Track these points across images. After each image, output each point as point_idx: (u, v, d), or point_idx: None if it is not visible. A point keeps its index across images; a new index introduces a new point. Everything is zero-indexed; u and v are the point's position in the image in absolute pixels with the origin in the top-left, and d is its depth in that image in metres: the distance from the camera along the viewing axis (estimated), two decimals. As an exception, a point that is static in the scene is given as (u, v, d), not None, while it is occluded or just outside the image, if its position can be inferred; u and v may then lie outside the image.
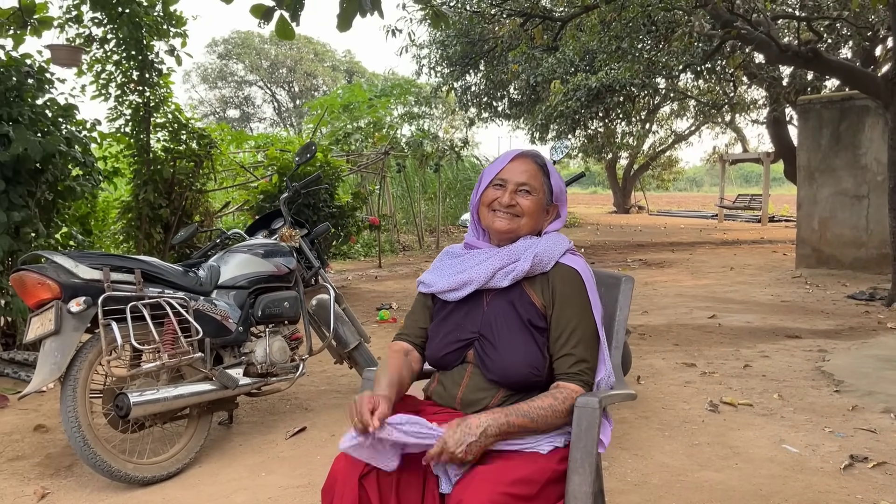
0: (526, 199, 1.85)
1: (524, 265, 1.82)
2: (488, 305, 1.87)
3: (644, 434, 3.53)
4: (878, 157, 8.95)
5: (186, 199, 7.01)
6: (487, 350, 1.80)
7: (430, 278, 1.96)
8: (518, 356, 1.77)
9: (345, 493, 1.59)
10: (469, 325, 1.86)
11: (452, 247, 2.04)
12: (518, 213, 1.85)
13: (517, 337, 1.79)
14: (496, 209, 1.86)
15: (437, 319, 1.94)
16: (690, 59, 12.67)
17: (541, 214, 1.90)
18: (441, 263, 1.99)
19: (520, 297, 1.84)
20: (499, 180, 1.87)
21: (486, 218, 1.89)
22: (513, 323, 1.81)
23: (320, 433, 3.61)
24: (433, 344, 1.91)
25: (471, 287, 1.86)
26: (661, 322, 6.41)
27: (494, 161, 1.94)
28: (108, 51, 6.50)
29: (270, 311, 3.53)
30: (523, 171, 1.87)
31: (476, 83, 17.97)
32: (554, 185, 1.91)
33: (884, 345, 5.24)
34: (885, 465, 3.06)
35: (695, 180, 75.41)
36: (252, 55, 45.13)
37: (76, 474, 3.13)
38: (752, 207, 23.23)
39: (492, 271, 1.84)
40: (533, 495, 1.60)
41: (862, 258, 9.32)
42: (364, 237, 12.29)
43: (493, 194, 1.87)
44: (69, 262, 2.90)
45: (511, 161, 1.89)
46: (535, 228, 1.90)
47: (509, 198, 1.84)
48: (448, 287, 1.89)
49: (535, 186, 1.87)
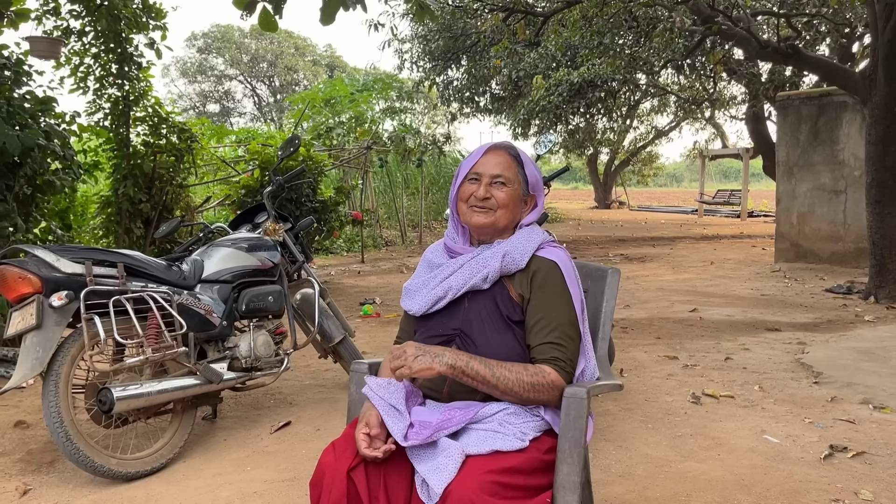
0: (501, 190, 1.85)
1: (495, 264, 1.82)
2: (469, 303, 1.87)
3: (628, 426, 3.56)
4: (856, 152, 9.07)
5: (167, 193, 6.95)
6: (469, 348, 1.81)
7: (409, 300, 1.95)
8: (500, 349, 1.78)
9: (333, 487, 1.59)
10: (450, 323, 1.87)
11: (433, 251, 2.01)
12: (493, 207, 1.85)
13: (496, 333, 1.81)
14: (472, 204, 1.86)
15: (419, 327, 1.95)
16: (671, 54, 12.75)
17: (518, 205, 1.89)
18: (421, 278, 1.96)
19: (500, 293, 1.84)
20: (473, 174, 1.87)
21: (464, 213, 1.88)
22: (492, 319, 1.82)
23: (305, 427, 3.61)
24: (416, 340, 1.91)
25: (447, 299, 1.87)
26: (643, 316, 6.46)
27: (468, 156, 1.93)
28: (87, 43, 6.42)
29: (255, 306, 3.51)
30: (497, 164, 1.86)
31: (458, 78, 17.97)
32: (529, 175, 1.91)
33: (861, 337, 5.32)
34: (865, 454, 3.10)
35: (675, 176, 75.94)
36: (232, 49, 44.75)
37: (58, 470, 3.10)
38: (731, 203, 23.46)
39: (466, 280, 1.84)
40: (521, 485, 1.61)
41: (839, 252, 9.45)
42: (346, 232, 12.25)
43: (469, 189, 1.87)
44: (50, 255, 2.86)
45: (484, 154, 1.89)
46: (513, 220, 1.89)
47: (484, 190, 1.84)
48: (425, 307, 1.90)
49: (510, 178, 1.86)
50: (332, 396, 4.15)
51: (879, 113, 6.94)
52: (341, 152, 12.86)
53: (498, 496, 1.54)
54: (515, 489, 1.60)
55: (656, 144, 30.66)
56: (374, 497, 1.60)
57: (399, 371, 1.66)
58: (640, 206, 31.41)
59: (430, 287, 1.90)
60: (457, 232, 1.95)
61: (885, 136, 6.92)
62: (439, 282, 1.88)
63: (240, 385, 3.48)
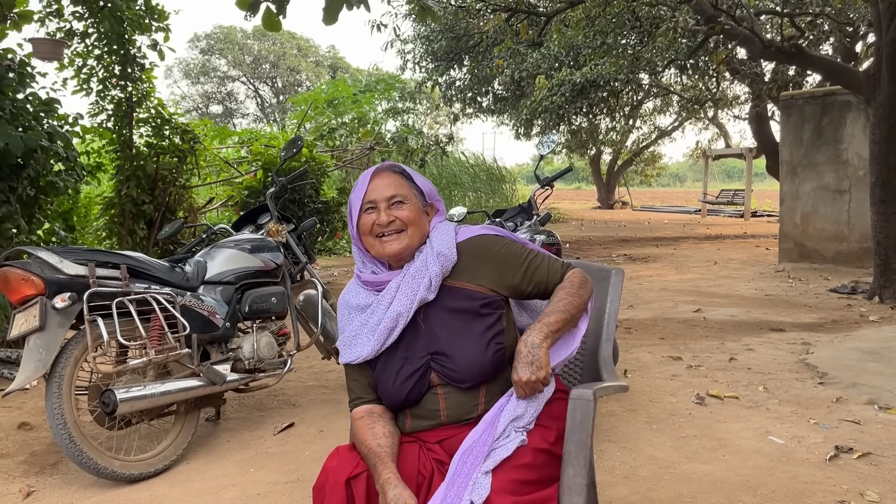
0: (402, 209, 1.78)
1: (435, 269, 1.75)
2: (424, 322, 1.78)
3: (632, 427, 3.54)
4: (860, 151, 9.04)
5: (170, 194, 6.96)
6: (446, 363, 1.73)
7: (354, 351, 1.80)
8: (477, 343, 1.72)
9: (333, 495, 1.57)
10: (416, 353, 1.77)
11: (351, 294, 1.87)
12: (401, 227, 1.78)
13: (467, 329, 1.74)
14: (379, 234, 1.78)
15: (378, 365, 1.80)
16: (674, 54, 12.73)
17: (422, 218, 1.83)
18: (353, 325, 1.82)
19: (452, 295, 1.78)
20: (368, 203, 1.80)
21: (375, 247, 1.80)
22: (457, 321, 1.75)
23: (308, 429, 3.60)
24: (388, 390, 1.77)
25: (400, 327, 1.76)
26: (647, 316, 6.44)
27: (355, 187, 1.85)
28: (90, 45, 6.44)
29: (258, 307, 3.51)
30: (388, 185, 1.80)
31: (461, 78, 17.97)
32: (421, 185, 1.86)
33: (866, 337, 5.30)
34: (870, 455, 3.09)
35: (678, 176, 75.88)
36: (235, 50, 44.81)
37: (62, 472, 3.10)
38: (734, 203, 23.42)
39: (412, 297, 1.75)
40: (533, 479, 1.62)
41: (844, 252, 9.42)
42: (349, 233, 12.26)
43: (370, 219, 1.79)
44: (53, 257, 2.86)
45: (371, 181, 1.81)
46: (423, 235, 1.82)
47: (386, 215, 1.77)
48: (378, 346, 1.77)
49: (405, 194, 1.80)
50: (336, 398, 4.14)
51: (883, 112, 6.91)
52: (344, 153, 12.86)
53: (511, 492, 1.55)
54: (528, 484, 1.60)
55: (659, 144, 30.61)
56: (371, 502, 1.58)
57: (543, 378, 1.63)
58: (643, 206, 31.37)
59: (374, 323, 1.77)
60: (373, 264, 1.85)
61: (890, 135, 6.89)
62: (383, 311, 1.77)
63: (243, 386, 3.48)
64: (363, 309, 1.82)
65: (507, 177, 21.87)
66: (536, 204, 4.39)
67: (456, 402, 1.74)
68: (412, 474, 1.65)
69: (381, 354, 1.78)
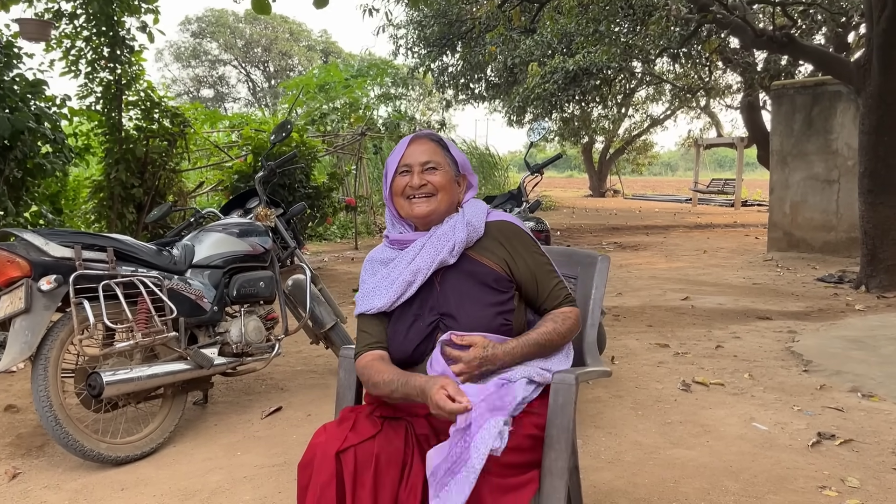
0: (434, 175, 1.88)
1: (461, 235, 1.84)
2: (441, 284, 1.86)
3: (618, 413, 3.57)
4: (850, 142, 9.08)
5: (160, 178, 6.91)
6: (452, 325, 1.80)
7: (369, 301, 1.87)
8: (486, 312, 1.80)
9: (322, 468, 1.59)
10: (428, 311, 1.84)
11: (377, 252, 1.97)
12: (432, 192, 1.87)
13: (479, 299, 1.82)
14: (410, 195, 1.88)
15: (392, 319, 1.88)
16: (667, 43, 12.72)
17: (453, 187, 1.92)
18: (374, 279, 1.90)
19: (471, 264, 1.86)
20: (403, 167, 1.90)
21: (405, 207, 1.90)
22: (471, 288, 1.83)
23: (296, 413, 3.61)
24: (397, 343, 1.84)
25: (418, 283, 1.84)
26: (635, 304, 6.47)
27: (393, 151, 1.95)
28: (78, 26, 6.37)
29: (246, 291, 3.50)
30: (423, 152, 1.90)
31: (453, 64, 17.89)
32: (456, 156, 1.95)
33: (851, 326, 5.34)
34: (852, 442, 3.13)
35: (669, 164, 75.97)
36: (226, 34, 44.46)
37: (48, 454, 3.10)
38: (725, 192, 23.47)
39: (433, 256, 1.84)
40: (521, 463, 1.65)
41: (832, 242, 9.48)
42: (340, 219, 12.23)
43: (403, 181, 1.89)
44: (39, 239, 2.85)
45: (409, 146, 1.92)
46: (452, 203, 1.92)
47: (419, 179, 1.87)
48: (394, 297, 1.84)
49: (440, 161, 1.90)
50: (324, 382, 4.15)
51: (873, 102, 6.94)
52: (335, 138, 12.81)
53: (495, 475, 1.57)
54: (514, 467, 1.63)
55: (651, 133, 30.63)
56: (360, 482, 1.59)
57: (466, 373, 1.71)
58: (634, 194, 31.40)
59: (394, 277, 1.86)
60: (401, 224, 1.95)
61: (879, 125, 6.92)
62: (405, 267, 1.85)
63: (231, 370, 3.48)
64: (386, 263, 1.91)
65: (500, 163, 21.85)
66: (526, 191, 4.40)
67: None
68: (396, 455, 1.66)
69: (395, 310, 1.86)
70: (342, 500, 1.57)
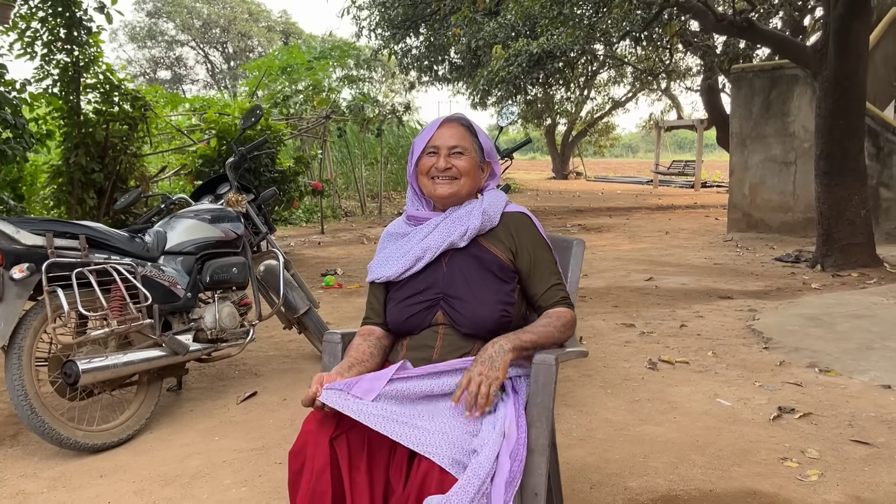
0: (460, 160, 1.93)
1: (475, 222, 1.90)
2: (447, 265, 1.93)
3: (587, 391, 3.67)
4: (806, 124, 9.31)
5: (121, 163, 6.79)
6: (456, 305, 1.86)
7: (380, 270, 1.98)
8: (488, 302, 1.86)
9: (316, 454, 1.62)
10: (431, 288, 1.91)
11: (394, 225, 2.06)
12: (456, 175, 1.93)
13: (483, 285, 1.88)
14: (434, 176, 1.94)
15: (395, 288, 1.97)
16: (630, 26, 12.84)
17: (477, 173, 1.98)
18: (387, 250, 2.01)
19: (480, 250, 1.92)
20: (431, 148, 1.95)
21: (427, 187, 1.96)
22: (476, 274, 1.89)
23: (271, 397, 3.63)
24: (392, 309, 1.94)
25: (426, 259, 1.92)
26: (601, 285, 6.60)
27: (423, 130, 2.00)
28: (34, 7, 6.20)
29: (219, 277, 3.51)
30: (452, 135, 1.95)
31: (416, 46, 17.80)
32: (483, 143, 2.00)
33: (808, 304, 5.53)
34: (811, 415, 3.26)
35: (630, 146, 76.71)
36: (183, 14, 43.43)
37: (22, 443, 3.08)
38: (685, 174, 23.84)
39: (444, 237, 1.91)
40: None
41: (789, 222, 9.75)
42: (305, 203, 12.15)
43: (429, 162, 1.94)
44: (10, 227, 2.81)
45: (439, 127, 1.97)
46: (474, 188, 1.98)
47: (445, 161, 1.92)
48: (402, 269, 1.93)
49: (467, 147, 1.95)
50: (297, 367, 4.17)
51: (829, 86, 7.12)
52: (299, 121, 12.69)
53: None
54: None
55: (613, 115, 30.95)
56: (354, 466, 1.63)
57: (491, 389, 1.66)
58: (596, 176, 31.74)
59: (406, 250, 1.95)
60: (419, 202, 2.02)
61: (835, 108, 7.11)
62: (416, 242, 1.93)
63: (206, 356, 3.49)
64: (400, 237, 2.00)
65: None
66: (496, 175, 4.44)
67: (451, 344, 1.85)
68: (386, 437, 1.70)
69: (400, 281, 1.94)
70: (338, 485, 1.61)
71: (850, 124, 7.11)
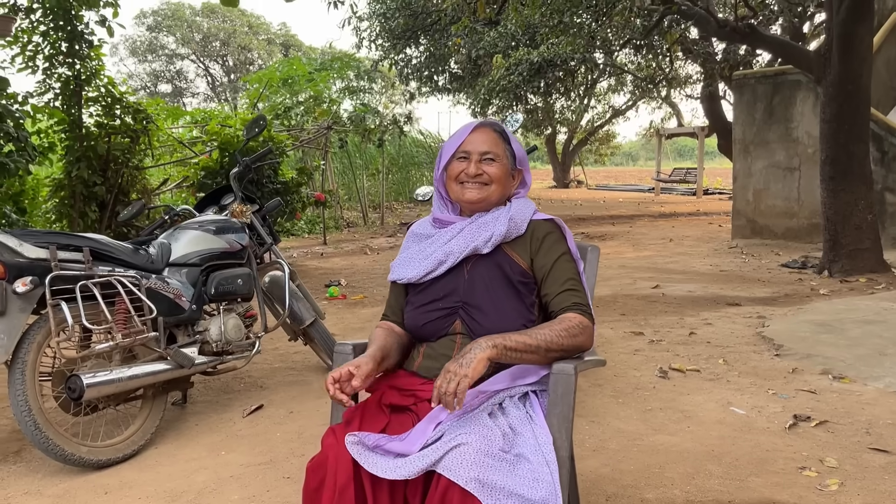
0: (491, 166, 1.89)
1: (501, 228, 1.85)
2: (469, 272, 1.88)
3: (599, 401, 3.61)
4: (810, 130, 9.28)
5: (122, 176, 6.78)
6: (475, 316, 1.82)
7: (402, 271, 1.95)
8: (508, 315, 1.80)
9: (338, 470, 1.57)
10: (451, 295, 1.86)
11: (419, 225, 2.02)
12: (486, 182, 1.89)
13: (504, 297, 1.82)
14: (464, 181, 1.89)
15: (414, 292, 1.94)
16: (630, 34, 12.84)
17: (507, 180, 1.93)
18: (410, 251, 1.97)
19: (503, 259, 1.87)
20: (462, 153, 1.90)
21: (455, 191, 1.91)
22: (498, 284, 1.84)
23: (278, 410, 3.58)
24: (411, 313, 1.91)
25: (449, 263, 1.87)
26: (608, 293, 6.54)
27: (454, 135, 1.96)
28: (35, 21, 6.20)
29: (224, 289, 3.46)
30: (484, 141, 1.90)
31: (416, 56, 17.84)
32: (515, 150, 1.96)
33: (818, 310, 5.48)
34: (827, 423, 3.21)
35: (630, 154, 76.68)
36: (183, 28, 43.63)
37: (25, 459, 3.03)
38: (687, 181, 23.83)
39: (468, 242, 1.86)
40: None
41: (794, 228, 9.70)
42: (308, 214, 12.13)
43: (459, 167, 1.89)
44: (13, 240, 2.77)
45: (472, 132, 1.92)
46: (503, 195, 1.93)
47: (475, 167, 1.88)
48: (424, 272, 1.89)
49: (499, 153, 1.90)
50: (303, 379, 4.12)
51: (833, 91, 7.09)
52: (300, 133, 12.68)
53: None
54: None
55: (613, 123, 30.95)
56: (377, 481, 1.58)
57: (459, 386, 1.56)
58: (597, 184, 31.70)
59: (428, 252, 1.91)
60: (445, 206, 1.97)
61: (839, 113, 7.08)
62: (440, 246, 1.89)
63: (211, 369, 3.44)
64: (424, 238, 1.97)
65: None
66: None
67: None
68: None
69: (420, 286, 1.91)
70: (361, 500, 1.55)
71: (855, 129, 7.07)
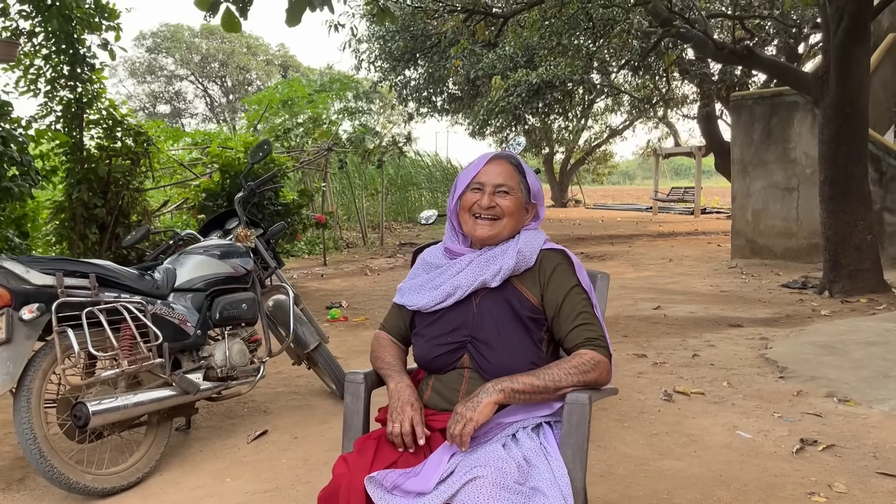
0: (505, 199, 1.87)
1: (509, 262, 1.83)
2: (478, 306, 1.86)
3: (604, 425, 3.60)
4: (808, 150, 9.34)
5: (123, 198, 6.78)
6: (483, 352, 1.81)
7: (411, 297, 1.95)
8: (516, 352, 1.79)
9: (351, 499, 1.57)
10: (460, 329, 1.85)
11: (430, 253, 2.01)
12: (498, 215, 1.87)
13: (512, 333, 1.81)
14: (477, 214, 1.88)
15: (423, 323, 1.92)
16: (628, 55, 12.96)
17: (521, 214, 1.92)
18: (420, 278, 1.97)
19: (513, 293, 1.85)
20: (476, 184, 1.89)
21: (468, 224, 1.90)
22: (507, 320, 1.82)
23: (282, 436, 3.56)
24: (421, 345, 1.90)
25: (457, 296, 1.86)
26: (609, 314, 6.53)
27: (469, 166, 1.95)
28: (37, 45, 6.23)
29: (228, 314, 3.45)
30: (499, 173, 1.89)
31: (416, 78, 17.96)
32: (531, 183, 1.94)
33: (820, 331, 5.48)
34: (834, 447, 3.20)
35: (628, 174, 77.02)
36: (182, 49, 43.88)
37: (29, 487, 3.00)
38: (685, 200, 23.91)
39: (476, 276, 1.85)
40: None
41: (793, 248, 9.72)
42: (308, 235, 12.13)
43: (472, 198, 1.88)
44: (19, 267, 2.76)
45: (486, 164, 1.91)
46: (516, 229, 1.91)
47: (489, 199, 1.86)
48: (433, 303, 1.89)
49: (513, 186, 1.89)
50: (307, 403, 4.10)
51: (831, 112, 7.14)
52: (300, 154, 12.72)
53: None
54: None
55: (610, 143, 31.13)
56: None
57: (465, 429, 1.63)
58: (595, 204, 31.80)
59: (437, 283, 1.90)
60: (456, 238, 1.96)
61: (837, 134, 7.12)
62: (449, 277, 1.88)
63: (216, 395, 3.42)
64: (434, 268, 1.96)
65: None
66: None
67: (475, 389, 1.77)
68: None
69: (429, 318, 1.89)
70: None
71: (853, 150, 7.11)
